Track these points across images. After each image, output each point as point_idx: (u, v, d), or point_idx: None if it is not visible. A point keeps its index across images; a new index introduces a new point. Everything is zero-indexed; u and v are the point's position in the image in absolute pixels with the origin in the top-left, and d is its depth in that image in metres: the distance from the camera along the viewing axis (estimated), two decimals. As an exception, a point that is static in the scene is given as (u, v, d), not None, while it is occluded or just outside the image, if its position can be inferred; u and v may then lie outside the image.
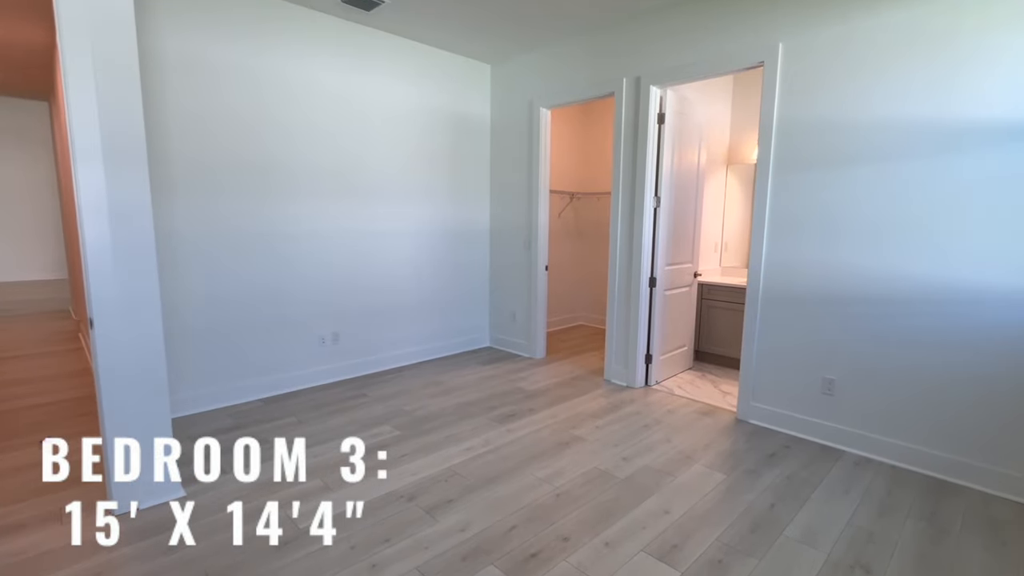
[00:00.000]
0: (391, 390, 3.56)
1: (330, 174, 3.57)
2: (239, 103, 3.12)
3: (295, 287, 3.48)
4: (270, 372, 3.41)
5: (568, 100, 3.91)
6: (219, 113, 3.04)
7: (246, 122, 3.16)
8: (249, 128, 3.17)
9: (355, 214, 3.74)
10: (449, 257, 4.40)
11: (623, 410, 3.22)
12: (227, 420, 3.00)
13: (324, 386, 3.61)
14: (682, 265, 3.87)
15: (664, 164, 3.48)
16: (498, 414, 3.14)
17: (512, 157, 4.40)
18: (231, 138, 3.10)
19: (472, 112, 4.41)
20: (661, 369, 3.78)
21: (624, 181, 3.61)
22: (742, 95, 4.43)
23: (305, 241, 3.49)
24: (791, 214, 2.81)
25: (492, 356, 4.45)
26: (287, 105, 3.31)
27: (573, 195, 5.63)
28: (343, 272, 3.72)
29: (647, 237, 3.53)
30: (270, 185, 3.29)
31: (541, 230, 4.26)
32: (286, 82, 3.30)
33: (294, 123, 3.35)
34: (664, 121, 3.44)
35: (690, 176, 3.80)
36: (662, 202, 3.52)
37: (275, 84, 3.25)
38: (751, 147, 4.41)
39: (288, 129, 3.33)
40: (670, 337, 3.85)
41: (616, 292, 3.74)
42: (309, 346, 3.59)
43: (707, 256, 4.51)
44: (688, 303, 4.04)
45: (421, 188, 4.13)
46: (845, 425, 2.71)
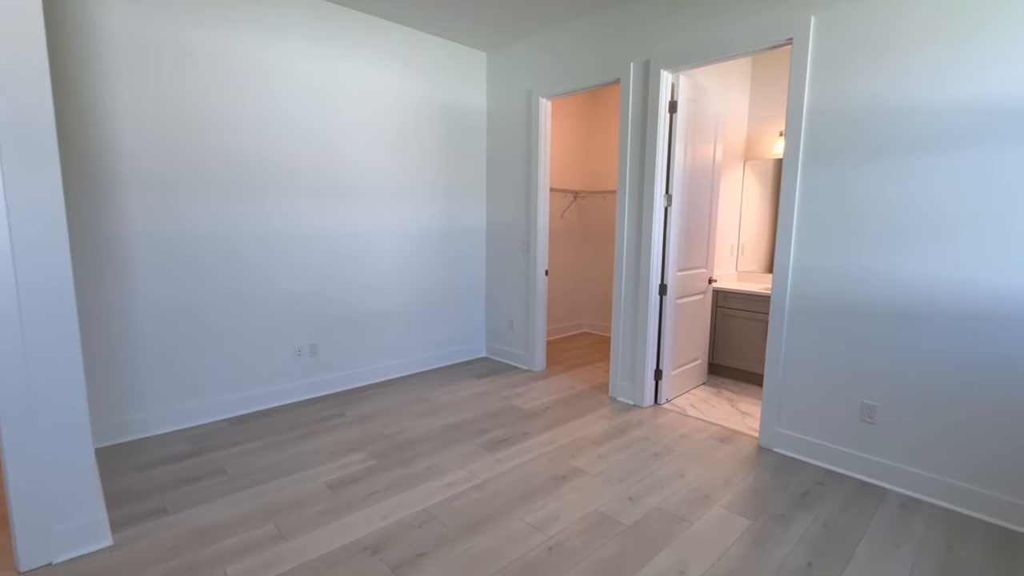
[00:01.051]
0: (373, 408, 3.22)
1: (308, 170, 3.24)
2: (203, 90, 2.79)
3: (268, 294, 3.15)
4: (238, 389, 3.09)
5: (570, 88, 3.56)
6: (179, 100, 2.72)
7: (211, 111, 2.83)
8: (214, 118, 2.85)
9: (336, 214, 3.41)
10: (441, 261, 4.06)
11: (629, 435, 2.86)
12: (184, 445, 2.68)
13: (300, 403, 3.28)
14: (695, 270, 3.50)
15: (676, 158, 3.11)
16: (488, 439, 2.79)
17: (510, 152, 4.05)
18: (193, 128, 2.78)
19: (466, 104, 4.07)
20: (672, 386, 3.42)
21: (632, 177, 3.25)
22: (762, 82, 4.04)
23: (279, 243, 3.17)
24: (824, 213, 2.43)
25: (487, 368, 4.10)
26: (259, 93, 2.99)
27: (577, 194, 5.27)
28: (323, 278, 3.39)
29: (657, 239, 3.17)
30: (239, 181, 2.97)
31: (541, 231, 3.90)
32: (257, 67, 2.97)
33: (266, 113, 3.03)
34: (676, 110, 3.07)
35: (705, 172, 3.43)
36: (674, 201, 3.15)
37: (245, 69, 2.92)
38: (771, 140, 4.03)
39: (260, 119, 3.01)
40: (682, 350, 3.48)
41: (622, 300, 3.37)
42: (283, 359, 3.26)
43: (722, 260, 4.14)
44: (702, 312, 3.67)
45: (410, 186, 3.79)
46: (889, 459, 2.33)
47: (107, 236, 2.57)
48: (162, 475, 2.36)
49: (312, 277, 3.34)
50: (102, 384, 2.63)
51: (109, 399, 2.65)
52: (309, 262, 3.32)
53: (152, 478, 2.33)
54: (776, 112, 3.98)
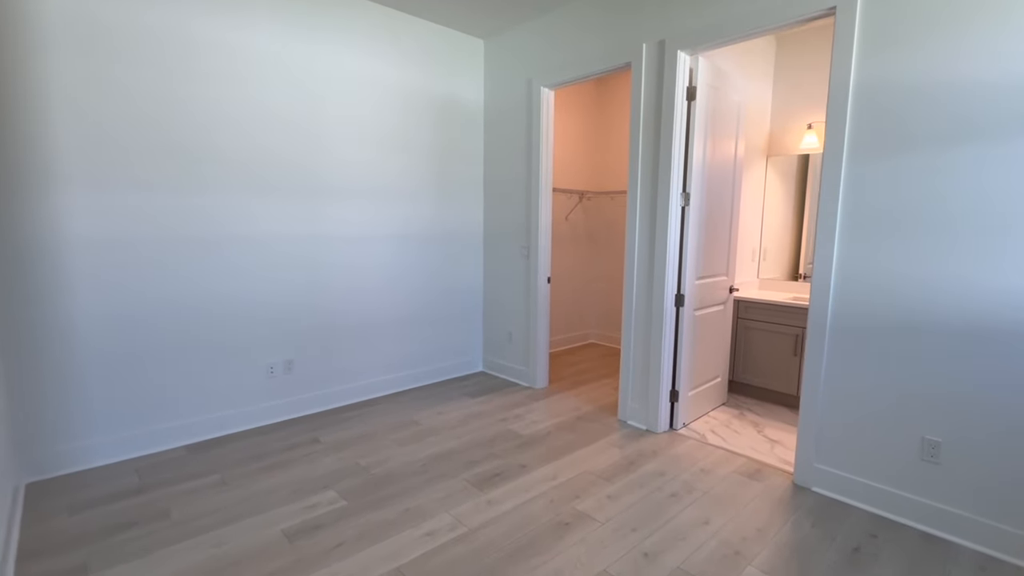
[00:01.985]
0: (352, 432, 2.87)
1: (284, 167, 2.91)
2: (160, 75, 2.47)
3: (236, 305, 2.81)
4: (200, 411, 2.74)
5: (574, 76, 3.20)
6: (130, 87, 2.40)
7: (169, 100, 2.51)
8: (173, 107, 2.52)
9: (315, 215, 3.07)
10: (433, 267, 3.71)
11: (643, 468, 2.48)
12: (130, 479, 2.33)
13: (270, 427, 2.93)
14: (715, 278, 3.13)
15: (695, 153, 2.75)
16: (479, 473, 2.42)
17: (509, 148, 3.70)
18: (147, 119, 2.46)
19: (462, 95, 3.73)
20: (689, 408, 3.03)
21: (644, 174, 2.89)
22: (787, 69, 3.67)
23: (250, 248, 2.83)
24: (878, 209, 2.06)
25: (484, 385, 3.74)
26: (226, 81, 2.66)
27: (582, 194, 4.91)
28: (300, 286, 3.05)
29: (672, 244, 2.80)
30: (203, 177, 2.64)
31: (543, 235, 3.55)
32: (226, 52, 2.65)
33: (235, 103, 2.70)
34: (695, 97, 2.71)
35: (726, 169, 3.06)
36: (692, 200, 2.79)
37: (211, 54, 2.60)
38: (798, 133, 3.65)
39: (227, 110, 2.68)
40: (701, 368, 3.10)
41: (633, 313, 3.00)
42: (254, 377, 2.92)
43: (744, 266, 3.76)
44: (722, 325, 3.29)
45: (399, 185, 3.45)
46: (958, 506, 1.94)
47: (39, 241, 2.24)
48: (95, 519, 2.01)
49: (287, 285, 3.00)
50: (38, 408, 2.29)
51: (46, 425, 2.32)
52: (284, 269, 2.98)
53: (82, 523, 1.99)
54: (803, 103, 3.61)
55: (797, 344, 3.26)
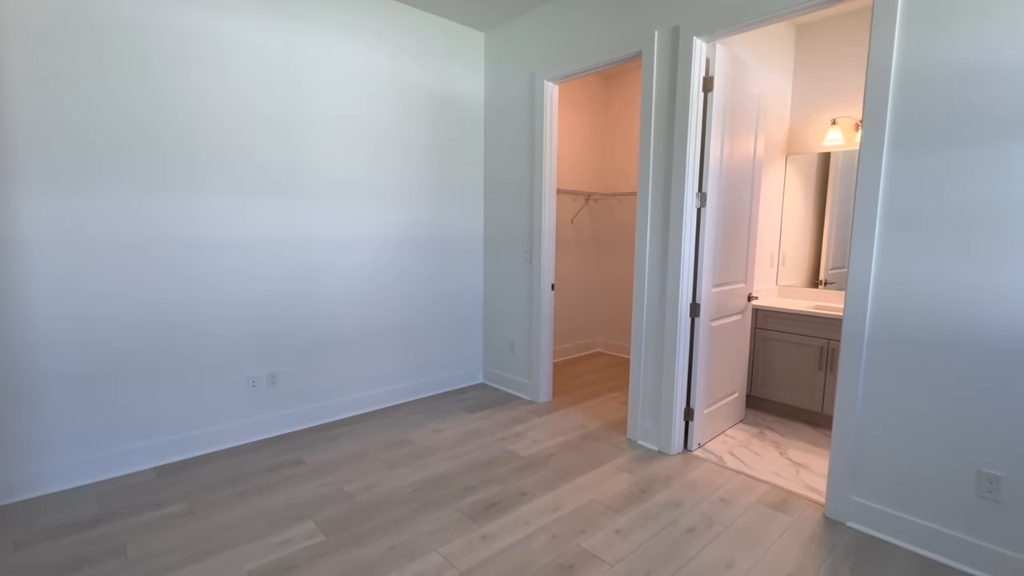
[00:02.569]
0: (339, 452, 2.65)
1: (268, 165, 2.70)
2: (130, 66, 2.27)
3: (216, 314, 2.60)
4: (173, 429, 2.53)
5: (580, 68, 2.98)
6: (97, 78, 2.20)
7: (142, 92, 2.31)
8: (147, 100, 2.32)
9: (303, 217, 2.86)
10: (431, 273, 3.50)
11: (656, 497, 2.24)
12: (89, 507, 2.12)
13: (251, 446, 2.72)
14: (733, 286, 2.89)
15: (711, 149, 2.52)
16: (475, 502, 2.19)
17: (510, 147, 3.49)
18: (117, 113, 2.26)
19: (461, 91, 3.52)
20: (705, 427, 2.79)
21: (656, 173, 2.66)
22: (808, 60, 3.43)
23: (231, 252, 2.63)
24: (922, 210, 1.82)
25: (484, 399, 3.51)
26: (204, 72, 2.46)
27: (589, 196, 4.68)
28: (286, 293, 2.84)
29: (687, 249, 2.56)
30: (179, 176, 2.43)
31: (546, 239, 3.32)
32: (202, 41, 2.45)
33: (213, 95, 2.50)
34: (712, 89, 2.48)
35: (744, 167, 2.82)
36: (709, 201, 2.55)
37: (185, 43, 2.40)
38: (820, 130, 3.41)
39: (205, 104, 2.48)
40: (718, 383, 2.85)
41: (644, 324, 2.76)
42: (233, 392, 2.71)
43: (762, 272, 3.51)
44: (740, 336, 3.04)
45: (394, 186, 3.24)
46: (1022, 552, 1.68)
47: (-6, 243, 2.04)
48: (42, 556, 1.80)
49: (272, 292, 2.79)
50: (-11, 429, 2.09)
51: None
52: (269, 275, 2.77)
53: (28, 561, 1.77)
54: (825, 97, 3.36)
55: (823, 357, 3.01)
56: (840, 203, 3.42)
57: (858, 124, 3.21)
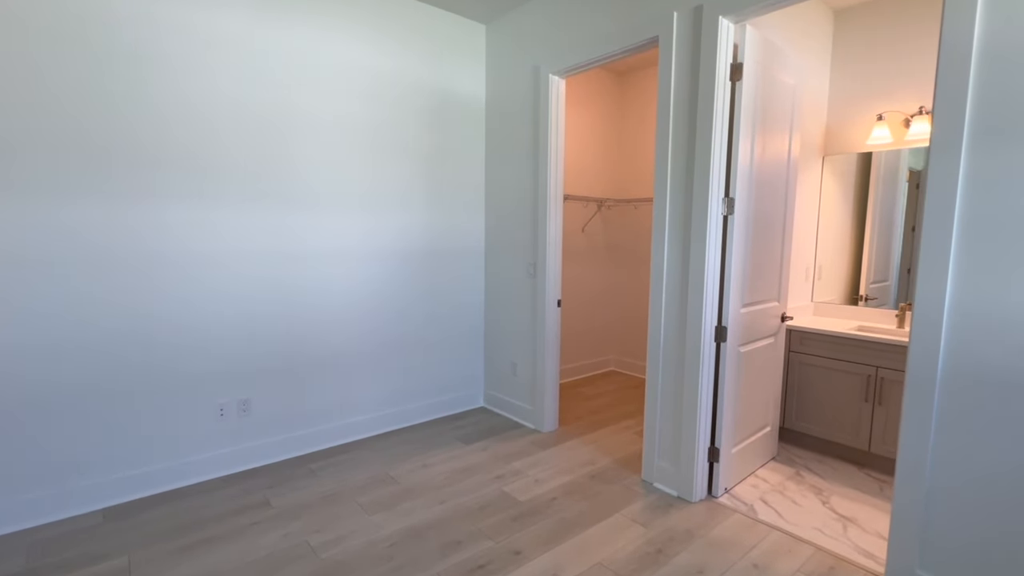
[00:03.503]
0: (313, 492, 2.34)
1: (241, 169, 2.43)
2: (82, 58, 2.02)
3: (179, 334, 2.33)
4: (126, 465, 2.26)
5: (588, 59, 2.66)
6: (45, 71, 1.95)
7: (99, 87, 2.05)
8: (104, 97, 2.07)
9: (283, 226, 2.58)
10: (427, 286, 3.19)
11: (675, 560, 1.88)
12: (14, 561, 1.84)
13: (216, 483, 2.43)
14: (765, 305, 2.51)
15: (740, 147, 2.16)
16: (460, 564, 1.85)
17: (514, 149, 3.17)
18: (69, 110, 2.00)
19: (460, 89, 3.22)
20: (733, 469, 2.41)
21: (675, 176, 2.31)
22: (849, 47, 3.04)
23: (196, 266, 2.36)
24: (1008, 220, 1.44)
25: (482, 426, 3.18)
26: (173, 66, 2.20)
27: (601, 203, 4.34)
28: (260, 310, 2.56)
29: (712, 263, 2.20)
30: (141, 183, 2.18)
31: (551, 250, 2.99)
32: (170, 33, 2.19)
33: (183, 93, 2.24)
34: (741, 77, 2.13)
35: (778, 169, 2.46)
36: (737, 208, 2.20)
37: (150, 34, 2.15)
38: (863, 126, 3.02)
39: (175, 102, 2.21)
40: (747, 416, 2.48)
41: (661, 350, 2.41)
42: (198, 421, 2.42)
43: (795, 287, 3.12)
44: (773, 362, 2.66)
45: (386, 191, 2.94)
46: None
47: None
48: (-59, 628, 1.52)
49: (246, 309, 2.51)
50: (-94, 469, 1.83)
51: (-82, 489, 1.86)
52: (241, 290, 2.49)
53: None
54: (870, 89, 2.98)
55: (869, 387, 2.61)
56: (882, 209, 3.02)
57: (908, 119, 2.82)
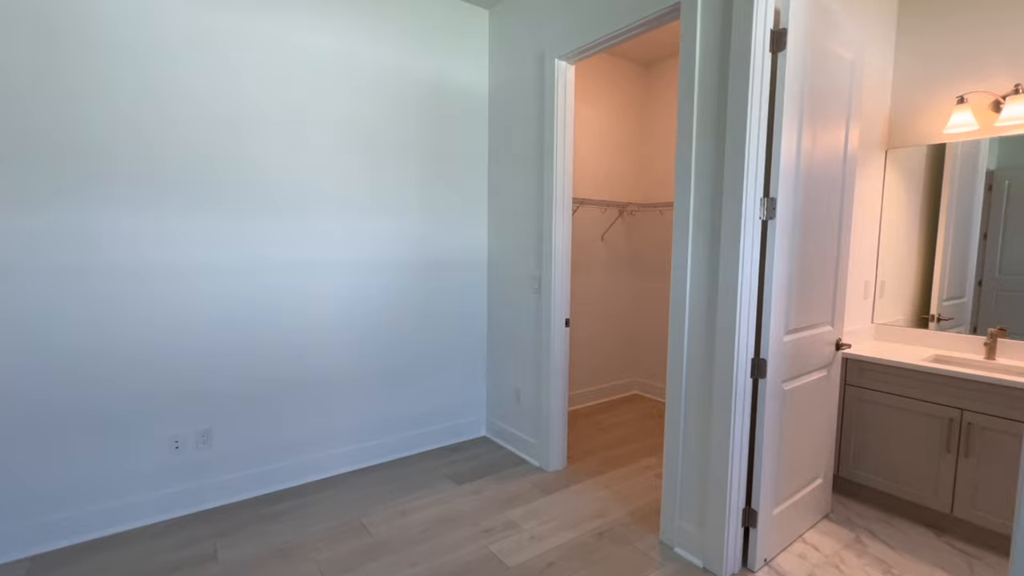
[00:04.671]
0: (267, 543, 2.01)
1: (201, 171, 2.16)
2: (29, 38, 1.79)
3: (127, 356, 2.06)
4: (65, 505, 1.99)
5: (597, 38, 2.27)
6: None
7: (37, 74, 1.82)
8: (42, 87, 1.83)
9: (251, 235, 2.30)
10: (421, 301, 2.85)
11: (696, 669, 1.44)
12: (-93, 626, 1.59)
13: (164, 527, 2.13)
14: (815, 330, 2.04)
15: (783, 137, 1.72)
16: (417, 658, 1.47)
17: (517, 147, 2.80)
18: (5, 100, 1.78)
19: (460, 81, 2.88)
20: (774, 533, 1.94)
21: (700, 171, 1.88)
22: (919, 17, 2.53)
23: (152, 278, 2.09)
24: None
25: (479, 461, 2.80)
26: (121, 54, 1.95)
27: (624, 207, 3.90)
28: (224, 329, 2.27)
29: (747, 279, 1.76)
30: (82, 183, 1.93)
31: (558, 262, 2.59)
32: (123, 17, 1.94)
33: (130, 82, 1.98)
34: (784, 46, 1.70)
35: (831, 164, 1.99)
36: (780, 211, 1.75)
37: (100, 19, 1.90)
38: (938, 113, 2.50)
39: (121, 93, 1.96)
40: (792, 467, 2.01)
41: (684, 386, 1.97)
42: (150, 455, 2.14)
43: (854, 307, 2.61)
44: (825, 399, 2.17)
45: (373, 196, 2.63)
46: None
47: None
48: None
49: (207, 328, 2.23)
50: None
51: None
52: (202, 306, 2.21)
53: None
54: (947, 67, 2.46)
55: (952, 434, 2.09)
56: (960, 210, 2.49)
57: (999, 100, 2.29)
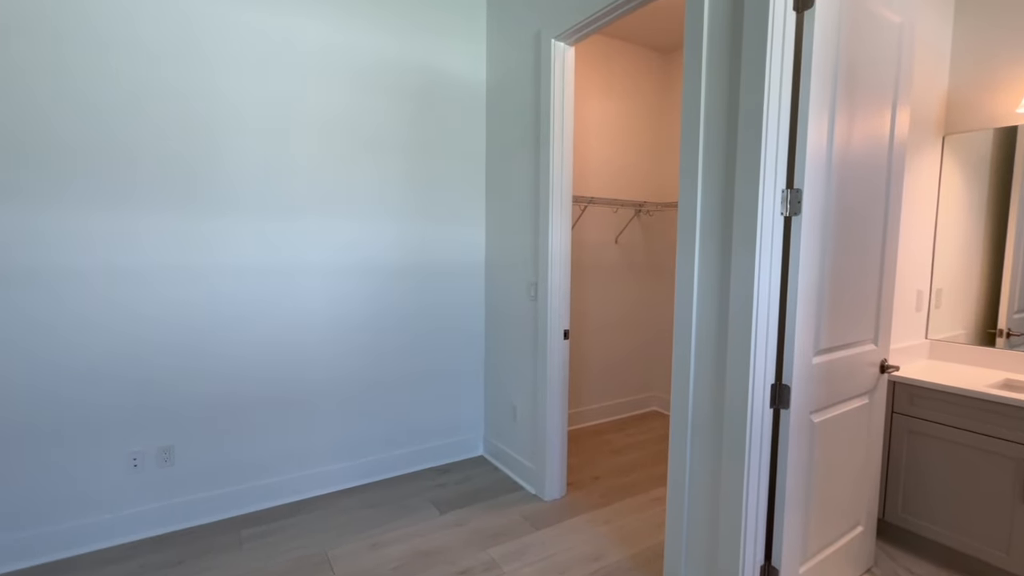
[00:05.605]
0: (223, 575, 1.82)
1: (161, 166, 2.01)
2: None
3: (80, 367, 1.92)
4: (14, 527, 1.85)
5: (597, 10, 1.99)
6: None
7: None
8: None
9: (216, 236, 2.13)
10: (413, 308, 2.63)
11: None
12: None
13: (114, 553, 1.97)
14: (854, 348, 1.70)
15: (809, 116, 1.40)
16: None
17: (513, 139, 2.55)
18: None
19: (454, 67, 2.66)
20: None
21: (708, 157, 1.58)
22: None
23: (110, 282, 1.94)
24: None
25: (470, 485, 2.54)
26: (67, 34, 1.82)
27: (640, 207, 3.59)
28: (193, 337, 2.11)
29: (765, 287, 1.45)
30: (18, 176, 1.80)
31: (555, 266, 2.32)
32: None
33: (78, 68, 1.85)
34: (812, 3, 1.39)
35: (874, 152, 1.65)
36: (807, 205, 1.43)
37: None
38: (1005, 90, 2.11)
39: (68, 78, 1.83)
40: (824, 514, 1.67)
41: (691, 417, 1.66)
42: (104, 474, 1.99)
43: (903, 320, 2.23)
44: (866, 431, 1.82)
45: (358, 195, 2.43)
46: None
47: None
48: None
49: (168, 337, 2.07)
50: None
51: None
52: (163, 312, 2.05)
53: None
54: (1017, 37, 2.07)
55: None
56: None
57: (1089, 72, 1.89)
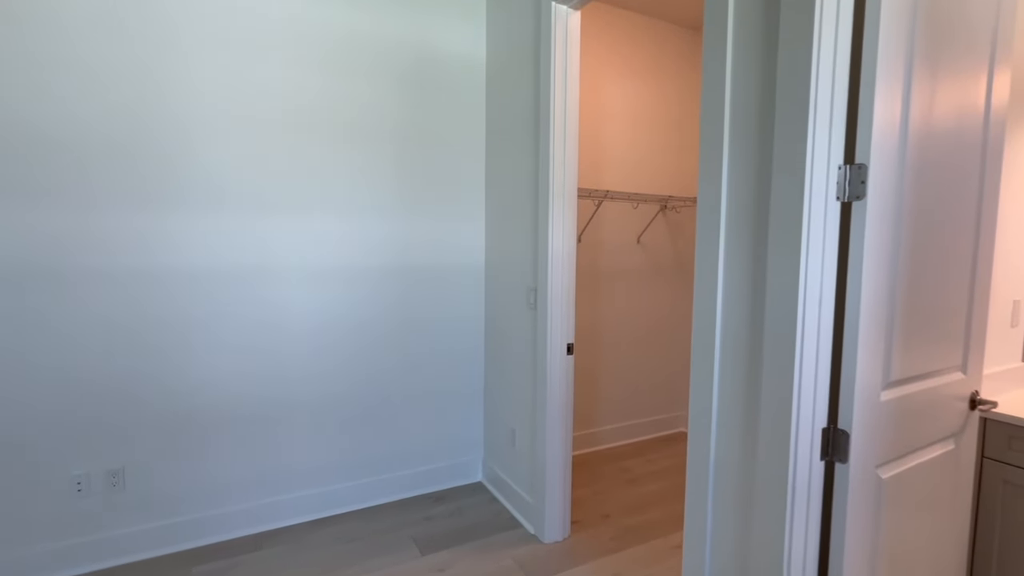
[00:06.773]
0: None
1: (113, 159, 1.80)
2: None
3: (11, 374, 1.73)
4: (-62, 557, 1.67)
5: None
6: None
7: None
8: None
9: (184, 232, 1.91)
10: (404, 317, 2.35)
11: None
12: None
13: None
14: (935, 379, 1.29)
15: (879, 75, 1.02)
16: None
17: (513, 125, 2.24)
18: None
19: (450, 45, 2.37)
20: None
21: (736, 124, 1.22)
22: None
23: (45, 286, 1.75)
24: None
25: (461, 520, 2.23)
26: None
27: (666, 202, 3.20)
28: (142, 344, 1.89)
29: (814, 297, 1.07)
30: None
31: (557, 271, 1.99)
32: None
33: (25, 48, 1.66)
34: (882, -87, 1.01)
35: (963, 125, 1.24)
36: (871, 188, 1.05)
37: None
38: None
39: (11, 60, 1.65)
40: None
41: (712, 471, 1.29)
42: (44, 500, 1.79)
43: (997, 341, 1.78)
44: (951, 485, 1.40)
45: (341, 191, 2.17)
46: None
47: None
48: None
49: (122, 342, 1.85)
50: None
51: None
52: (115, 316, 1.84)
53: None
54: None
55: None
56: None
57: None
